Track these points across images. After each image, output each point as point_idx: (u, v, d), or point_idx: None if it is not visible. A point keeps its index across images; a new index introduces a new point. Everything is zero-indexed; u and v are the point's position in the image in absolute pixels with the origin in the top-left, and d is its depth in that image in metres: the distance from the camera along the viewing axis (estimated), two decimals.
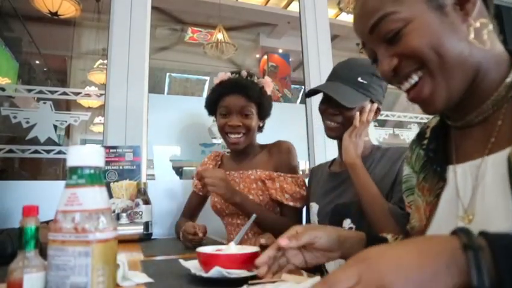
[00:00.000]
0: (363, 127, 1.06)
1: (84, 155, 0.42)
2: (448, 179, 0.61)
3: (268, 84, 1.38)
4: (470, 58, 0.54)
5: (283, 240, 0.62)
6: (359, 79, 1.07)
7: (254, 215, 1.07)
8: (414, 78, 0.57)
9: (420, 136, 0.73)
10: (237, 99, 1.31)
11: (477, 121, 0.59)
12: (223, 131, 1.35)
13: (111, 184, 1.44)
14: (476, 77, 0.56)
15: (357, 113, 1.06)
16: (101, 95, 1.76)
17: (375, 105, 1.08)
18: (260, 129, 1.44)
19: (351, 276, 0.37)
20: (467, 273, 0.35)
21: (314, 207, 1.17)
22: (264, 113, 1.38)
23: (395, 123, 2.57)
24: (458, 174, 0.59)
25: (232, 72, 1.38)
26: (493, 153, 0.54)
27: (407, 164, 0.76)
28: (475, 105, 0.58)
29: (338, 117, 1.10)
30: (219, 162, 1.50)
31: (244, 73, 1.36)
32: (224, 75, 1.37)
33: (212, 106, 1.38)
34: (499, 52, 0.58)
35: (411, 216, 0.70)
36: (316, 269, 0.95)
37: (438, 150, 0.66)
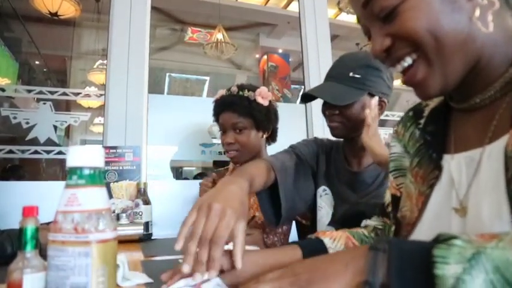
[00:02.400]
0: (374, 124, 1.02)
1: (84, 155, 0.42)
2: (444, 169, 0.57)
3: (264, 95, 1.37)
4: (472, 43, 0.48)
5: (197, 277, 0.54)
6: (351, 74, 1.03)
7: (252, 218, 1.08)
8: (408, 61, 0.51)
9: (416, 114, 0.66)
10: (228, 116, 1.35)
11: (482, 105, 0.52)
12: (224, 148, 1.41)
13: (111, 184, 1.44)
14: (479, 61, 0.50)
15: (367, 111, 1.01)
16: (101, 95, 1.76)
17: (376, 99, 1.02)
18: (270, 139, 1.45)
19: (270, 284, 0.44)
20: (364, 272, 0.38)
21: (330, 193, 1.12)
22: (262, 124, 1.37)
23: (395, 123, 2.57)
24: (453, 165, 0.55)
25: (227, 90, 1.41)
26: (490, 144, 0.50)
27: (397, 140, 0.70)
28: (482, 87, 0.52)
29: (337, 117, 1.07)
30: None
31: (233, 89, 1.38)
32: (220, 93, 1.41)
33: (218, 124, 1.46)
34: (510, 31, 0.51)
35: (402, 203, 0.65)
36: None
37: (437, 135, 0.60)
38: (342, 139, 1.14)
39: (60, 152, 1.66)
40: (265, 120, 1.38)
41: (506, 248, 0.34)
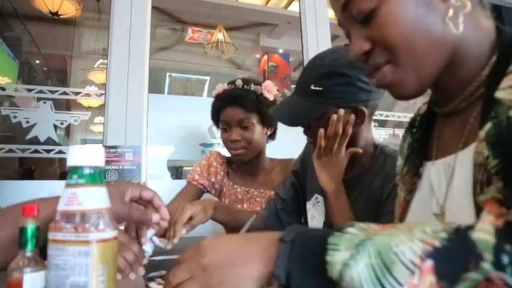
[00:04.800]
0: (333, 142, 0.88)
1: (84, 154, 0.42)
2: (423, 176, 0.57)
3: (269, 89, 1.30)
4: (445, 43, 0.49)
5: None
6: (312, 87, 0.88)
7: (254, 216, 1.07)
8: (381, 72, 0.52)
9: (412, 124, 0.67)
10: (234, 111, 1.25)
11: (460, 109, 0.53)
12: (227, 146, 1.32)
13: None
14: (453, 62, 0.51)
15: (321, 130, 0.88)
16: (101, 94, 1.76)
17: (341, 112, 0.86)
18: (271, 137, 1.39)
19: (184, 271, 0.44)
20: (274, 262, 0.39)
21: (321, 200, 1.05)
22: (267, 120, 1.30)
23: (395, 123, 2.57)
24: (433, 171, 0.55)
25: (228, 83, 1.32)
26: (462, 150, 0.50)
27: (400, 154, 0.70)
28: (458, 90, 0.52)
29: (309, 133, 0.96)
30: (226, 169, 1.42)
31: (239, 82, 1.29)
32: (221, 87, 1.32)
33: (215, 121, 1.36)
34: (484, 29, 0.52)
35: (396, 211, 0.66)
36: None
37: (421, 142, 0.61)
38: None
39: (60, 151, 1.66)
40: (272, 116, 1.28)
41: (392, 234, 0.35)
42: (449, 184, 0.52)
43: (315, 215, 1.06)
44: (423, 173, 0.58)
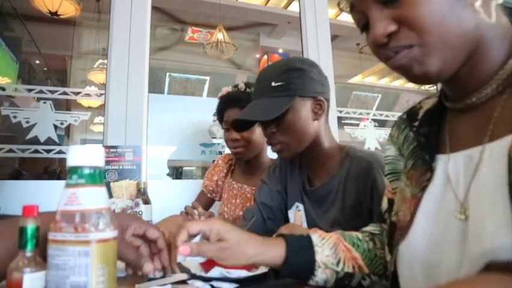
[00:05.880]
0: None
1: (84, 155, 0.42)
2: (437, 170, 0.54)
3: None
4: (472, 30, 0.47)
5: (185, 250, 0.57)
6: (273, 84, 0.95)
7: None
8: (404, 52, 0.49)
9: (411, 116, 0.64)
10: (234, 113, 1.33)
11: (479, 103, 0.51)
12: (228, 145, 1.42)
13: (111, 184, 1.44)
14: (476, 51, 0.49)
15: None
16: (101, 94, 1.76)
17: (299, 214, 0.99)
18: None
19: None
20: None
21: (302, 209, 1.06)
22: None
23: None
24: (450, 165, 0.53)
25: (233, 86, 1.42)
26: (491, 143, 0.48)
27: (391, 143, 0.68)
28: (477, 85, 0.51)
29: (276, 136, 0.98)
30: (232, 167, 1.52)
31: (241, 85, 1.39)
32: (226, 89, 1.42)
33: (220, 121, 1.45)
34: (505, 26, 0.50)
35: (397, 206, 0.62)
36: None
37: (430, 136, 0.59)
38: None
39: (60, 151, 1.66)
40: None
41: None
42: (471, 178, 0.49)
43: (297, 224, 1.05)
44: (436, 168, 0.55)
